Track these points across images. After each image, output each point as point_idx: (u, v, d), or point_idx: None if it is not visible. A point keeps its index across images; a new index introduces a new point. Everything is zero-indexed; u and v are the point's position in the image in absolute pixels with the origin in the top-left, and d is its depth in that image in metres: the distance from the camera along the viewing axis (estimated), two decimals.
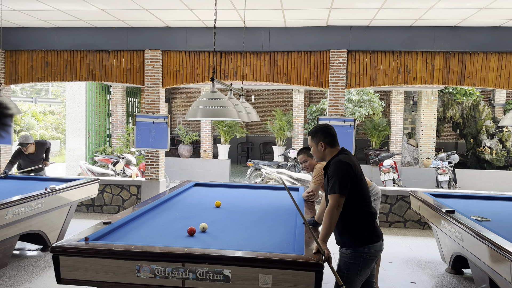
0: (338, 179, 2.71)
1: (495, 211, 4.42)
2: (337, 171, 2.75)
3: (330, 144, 2.98)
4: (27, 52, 7.57)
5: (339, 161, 2.80)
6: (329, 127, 3.02)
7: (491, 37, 6.57)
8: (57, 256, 2.66)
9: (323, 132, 2.98)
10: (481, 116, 12.90)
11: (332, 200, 2.69)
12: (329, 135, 2.98)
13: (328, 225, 2.68)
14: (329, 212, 2.68)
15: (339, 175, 2.73)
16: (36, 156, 6.63)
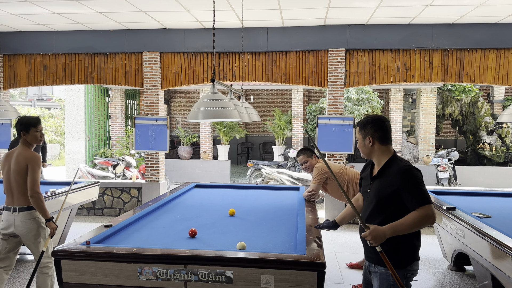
0: (424, 188, 2.42)
1: (496, 208, 4.42)
2: (418, 179, 2.43)
3: (381, 140, 2.56)
4: (25, 56, 7.57)
5: (412, 168, 2.45)
6: (382, 120, 2.58)
7: (489, 33, 6.57)
8: (59, 260, 2.66)
9: (374, 124, 2.56)
10: (480, 112, 12.90)
11: (426, 211, 2.36)
12: (381, 130, 2.55)
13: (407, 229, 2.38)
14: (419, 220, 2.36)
15: (421, 183, 2.42)
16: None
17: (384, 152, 2.56)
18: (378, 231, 2.34)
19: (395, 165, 2.49)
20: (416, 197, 2.39)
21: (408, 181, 2.40)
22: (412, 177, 2.41)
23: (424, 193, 2.39)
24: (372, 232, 2.33)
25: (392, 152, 2.57)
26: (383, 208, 2.49)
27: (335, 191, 4.51)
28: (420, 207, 2.37)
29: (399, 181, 2.41)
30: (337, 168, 4.49)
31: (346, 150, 6.98)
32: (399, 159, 2.53)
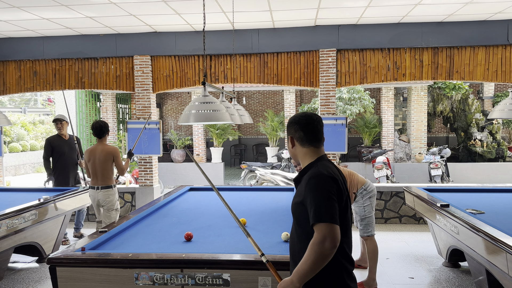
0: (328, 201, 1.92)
1: (489, 204, 4.47)
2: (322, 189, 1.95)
3: (301, 142, 2.15)
4: (14, 63, 7.50)
5: (321, 176, 1.99)
6: (306, 118, 2.15)
7: (478, 31, 6.64)
8: (54, 267, 2.63)
9: (296, 123, 2.16)
10: (471, 109, 13.03)
11: (321, 232, 1.87)
12: (302, 129, 2.14)
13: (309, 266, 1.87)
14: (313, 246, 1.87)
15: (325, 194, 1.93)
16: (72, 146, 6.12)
17: (306, 155, 2.15)
18: (285, 283, 1.94)
19: (310, 171, 2.07)
20: (313, 211, 1.91)
21: (311, 191, 1.96)
22: (315, 186, 1.96)
23: (324, 207, 1.89)
24: (280, 286, 1.97)
25: (317, 155, 2.15)
26: (299, 223, 2.06)
27: None
28: (316, 223, 1.88)
29: (304, 190, 2.01)
30: None
31: (339, 149, 7.00)
32: (320, 164, 2.08)
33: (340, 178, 2.09)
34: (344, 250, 2.04)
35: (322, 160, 2.14)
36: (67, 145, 6.04)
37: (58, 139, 6.10)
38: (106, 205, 4.97)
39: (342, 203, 2.01)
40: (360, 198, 4.39)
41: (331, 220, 1.87)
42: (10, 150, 15.71)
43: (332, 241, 1.85)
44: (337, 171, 2.13)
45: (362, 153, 12.57)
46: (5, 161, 14.30)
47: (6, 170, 14.58)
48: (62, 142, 6.09)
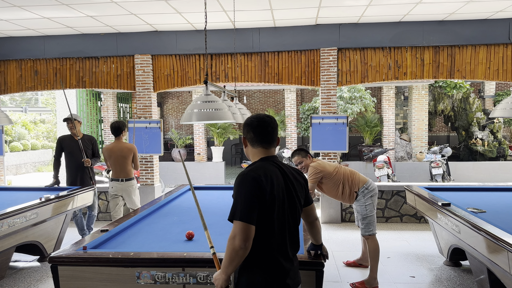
0: (244, 199, 2.00)
1: (490, 202, 4.46)
2: (242, 188, 2.03)
3: (252, 142, 2.22)
4: (15, 62, 7.50)
5: (245, 175, 2.05)
6: (258, 119, 2.21)
7: (479, 29, 6.63)
8: (56, 266, 2.64)
9: (248, 125, 2.23)
10: (472, 108, 13.01)
11: (234, 229, 2.00)
12: (252, 131, 2.20)
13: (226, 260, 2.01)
14: (228, 241, 2.01)
15: (244, 194, 2.01)
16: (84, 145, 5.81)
17: (255, 155, 2.22)
18: (216, 275, 2.07)
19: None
20: (232, 207, 2.04)
21: (234, 188, 2.08)
22: (237, 185, 2.06)
23: (239, 205, 2.00)
24: (213, 278, 2.09)
25: (260, 156, 2.20)
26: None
27: (330, 190, 4.52)
28: (233, 220, 2.01)
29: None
30: (332, 167, 4.50)
31: (340, 148, 7.00)
32: (257, 165, 2.14)
33: (274, 180, 2.07)
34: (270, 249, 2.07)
35: (265, 160, 2.18)
36: (78, 145, 5.78)
37: (69, 139, 5.92)
38: (131, 193, 5.69)
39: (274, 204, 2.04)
40: (361, 197, 4.38)
41: (243, 219, 1.96)
42: (11, 149, 15.73)
43: (242, 239, 1.95)
44: (275, 173, 2.11)
45: (363, 152, 12.57)
46: (6, 160, 14.32)
47: (7, 169, 14.60)
48: (73, 142, 5.86)
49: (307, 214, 2.40)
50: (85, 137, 5.97)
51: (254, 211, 1.99)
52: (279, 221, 2.09)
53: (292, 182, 2.19)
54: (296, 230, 2.21)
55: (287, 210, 2.13)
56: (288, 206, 2.14)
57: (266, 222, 2.04)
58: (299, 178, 2.27)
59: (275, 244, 2.08)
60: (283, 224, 2.11)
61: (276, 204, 2.06)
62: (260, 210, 2.01)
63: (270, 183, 2.05)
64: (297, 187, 2.22)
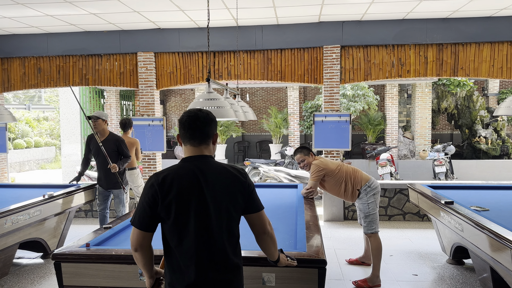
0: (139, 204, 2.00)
1: (494, 201, 4.45)
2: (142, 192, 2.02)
3: (183, 140, 2.08)
4: (19, 59, 7.52)
5: (149, 177, 2.01)
6: (185, 116, 2.07)
7: (483, 27, 6.59)
8: (59, 263, 2.65)
9: (179, 121, 2.11)
10: (475, 106, 12.97)
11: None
12: (182, 127, 2.07)
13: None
14: None
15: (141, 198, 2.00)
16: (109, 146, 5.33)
17: (185, 153, 2.09)
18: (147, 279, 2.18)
19: None
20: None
21: None
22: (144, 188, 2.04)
23: (136, 210, 2.02)
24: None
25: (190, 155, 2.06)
26: None
27: (332, 188, 4.52)
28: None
29: None
30: (335, 164, 4.49)
31: (343, 146, 6.99)
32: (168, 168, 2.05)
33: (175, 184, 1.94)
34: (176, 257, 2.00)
35: (186, 161, 2.04)
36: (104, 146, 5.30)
37: (95, 139, 5.36)
38: (134, 180, 6.32)
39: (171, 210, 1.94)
40: (364, 195, 4.38)
41: (134, 224, 1.99)
42: (15, 147, 15.79)
43: (132, 243, 2.01)
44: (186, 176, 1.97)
45: (366, 150, 12.55)
46: (10, 158, 14.38)
47: (10, 166, 14.67)
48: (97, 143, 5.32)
49: (251, 224, 2.12)
50: (110, 137, 5.40)
51: (145, 217, 1.95)
52: (183, 227, 1.95)
53: (212, 186, 1.98)
54: (214, 238, 1.97)
55: (197, 217, 1.95)
56: (198, 212, 1.95)
57: (167, 228, 1.98)
58: (233, 181, 2.03)
59: (179, 251, 1.98)
60: (189, 230, 1.95)
61: (175, 210, 1.93)
62: (155, 216, 1.96)
63: (168, 188, 1.93)
64: (220, 192, 1.99)
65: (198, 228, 1.95)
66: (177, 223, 1.95)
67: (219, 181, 2.00)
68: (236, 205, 2.02)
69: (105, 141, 5.30)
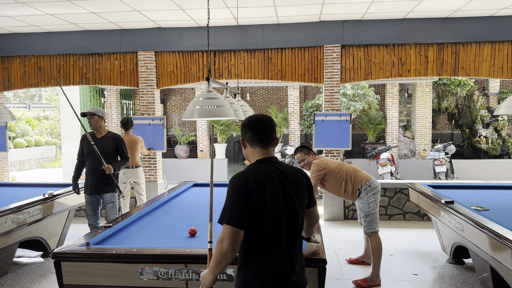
0: (231, 202, 2.01)
1: (494, 200, 4.45)
2: (230, 191, 2.04)
3: (250, 142, 2.19)
4: (19, 58, 7.52)
5: (234, 178, 2.06)
6: (256, 119, 2.19)
7: (484, 26, 6.59)
8: (59, 262, 2.65)
9: (246, 125, 2.21)
10: (476, 106, 12.96)
11: (222, 232, 1.99)
12: (251, 130, 2.18)
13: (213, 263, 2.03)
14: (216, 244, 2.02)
15: (232, 196, 2.01)
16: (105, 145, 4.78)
17: (254, 156, 2.20)
18: (203, 274, 2.10)
19: None
20: (222, 210, 2.04)
21: (227, 191, 2.07)
22: (228, 188, 2.07)
23: (228, 209, 2.00)
24: (200, 277, 2.12)
25: (262, 157, 2.17)
26: None
27: (333, 187, 4.52)
28: (221, 223, 2.02)
29: None
30: (335, 164, 4.49)
31: (343, 146, 6.99)
32: (251, 168, 2.14)
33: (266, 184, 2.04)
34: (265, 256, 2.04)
35: (262, 163, 2.15)
36: (99, 145, 4.74)
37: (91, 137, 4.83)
38: (139, 179, 6.48)
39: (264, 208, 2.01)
40: (364, 195, 4.37)
41: (231, 223, 1.96)
42: (15, 146, 15.80)
43: (229, 242, 1.95)
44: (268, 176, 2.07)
45: (366, 149, 12.54)
46: (10, 157, 14.38)
47: (11, 165, 14.67)
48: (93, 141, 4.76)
49: (309, 216, 2.30)
50: (109, 135, 4.88)
51: (243, 216, 1.97)
52: (273, 225, 2.04)
53: (291, 184, 2.13)
54: (294, 232, 2.12)
55: (283, 213, 2.07)
56: (285, 209, 2.08)
57: (257, 226, 2.01)
58: (301, 179, 2.20)
59: (268, 247, 2.04)
60: (278, 227, 2.05)
61: (268, 208, 2.02)
62: (250, 214, 1.99)
63: (261, 187, 2.01)
64: (297, 189, 2.15)
65: (287, 223, 2.08)
66: (270, 220, 2.04)
67: (294, 179, 2.16)
68: (305, 200, 2.20)
69: (101, 139, 4.77)
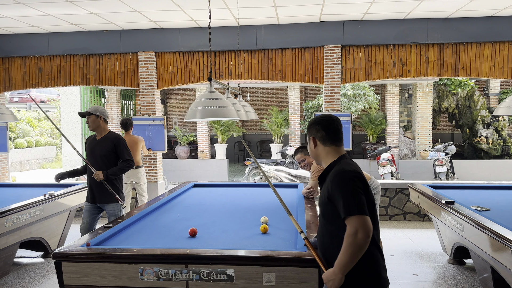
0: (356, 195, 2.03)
1: (494, 201, 4.44)
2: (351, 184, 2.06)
3: (323, 141, 2.27)
4: (20, 59, 7.53)
5: (347, 172, 2.09)
6: (327, 119, 2.29)
7: (484, 27, 6.59)
8: (60, 262, 2.65)
9: (317, 124, 2.29)
10: (476, 106, 12.95)
11: (353, 224, 1.98)
12: (324, 129, 2.26)
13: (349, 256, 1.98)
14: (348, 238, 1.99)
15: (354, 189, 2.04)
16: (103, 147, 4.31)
17: (329, 154, 2.26)
18: (329, 274, 2.04)
19: (334, 169, 2.19)
20: (344, 204, 2.02)
21: (337, 187, 2.07)
22: (341, 182, 2.07)
23: (352, 201, 2.01)
24: (324, 279, 2.07)
25: (339, 154, 2.26)
26: (330, 220, 2.17)
27: None
28: (347, 217, 2.00)
29: (330, 186, 2.11)
30: None
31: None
32: (343, 162, 2.19)
33: (363, 175, 2.17)
34: (375, 241, 2.14)
35: (344, 158, 2.25)
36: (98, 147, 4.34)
37: (91, 140, 4.46)
38: (140, 179, 6.49)
39: (370, 196, 2.13)
40: None
41: (361, 212, 1.99)
42: (16, 146, 15.81)
43: (364, 232, 1.97)
44: (359, 168, 2.22)
45: (366, 150, 12.54)
46: (11, 157, 14.39)
47: (11, 165, 14.68)
48: (92, 143, 4.41)
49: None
50: (108, 136, 4.38)
51: (365, 204, 2.03)
52: (374, 215, 2.13)
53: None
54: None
55: (375, 205, 2.21)
56: (373, 201, 2.19)
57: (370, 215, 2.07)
58: None
59: (376, 233, 2.15)
60: (375, 218, 2.14)
61: (370, 198, 2.14)
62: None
63: (364, 178, 2.15)
64: None
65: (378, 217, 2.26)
66: (372, 208, 2.14)
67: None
68: None
69: (101, 141, 4.34)
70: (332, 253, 2.12)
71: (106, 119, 4.42)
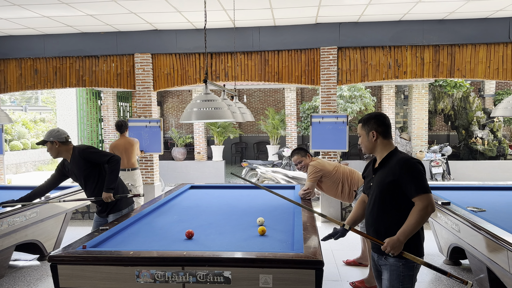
0: (423, 178, 2.51)
1: (490, 201, 4.46)
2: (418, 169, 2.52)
3: (384, 135, 2.69)
4: (15, 61, 7.50)
5: (412, 159, 2.56)
6: (384, 116, 2.75)
7: (479, 28, 6.62)
8: (55, 265, 2.63)
9: (377, 120, 2.70)
10: (472, 107, 13.00)
11: (424, 201, 2.46)
12: (383, 125, 2.69)
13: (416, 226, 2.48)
14: (421, 211, 2.46)
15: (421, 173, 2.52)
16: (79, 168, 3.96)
17: (386, 146, 2.69)
18: (394, 241, 2.48)
19: (395, 157, 2.62)
20: (415, 185, 2.48)
21: (408, 171, 2.51)
22: (411, 167, 2.52)
23: (423, 182, 2.49)
24: (388, 244, 2.50)
25: (393, 146, 2.69)
26: (383, 198, 2.62)
27: (330, 189, 4.52)
28: (419, 195, 2.47)
29: (398, 171, 2.53)
30: (332, 165, 4.49)
31: (340, 147, 7.00)
32: (400, 152, 2.66)
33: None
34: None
35: (398, 149, 2.69)
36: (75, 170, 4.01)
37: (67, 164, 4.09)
38: (136, 181, 6.45)
39: None
40: None
41: (429, 191, 2.49)
42: (11, 148, 15.73)
43: (433, 207, 2.48)
44: None
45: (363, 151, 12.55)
46: (6, 159, 14.32)
47: (7, 168, 14.61)
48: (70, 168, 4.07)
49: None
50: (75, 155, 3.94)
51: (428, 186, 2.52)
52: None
53: None
54: None
55: None
56: None
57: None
58: None
59: None
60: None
61: None
62: None
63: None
64: None
65: None
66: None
67: None
68: None
69: (72, 163, 3.98)
70: (389, 226, 2.58)
71: (62, 141, 3.92)
